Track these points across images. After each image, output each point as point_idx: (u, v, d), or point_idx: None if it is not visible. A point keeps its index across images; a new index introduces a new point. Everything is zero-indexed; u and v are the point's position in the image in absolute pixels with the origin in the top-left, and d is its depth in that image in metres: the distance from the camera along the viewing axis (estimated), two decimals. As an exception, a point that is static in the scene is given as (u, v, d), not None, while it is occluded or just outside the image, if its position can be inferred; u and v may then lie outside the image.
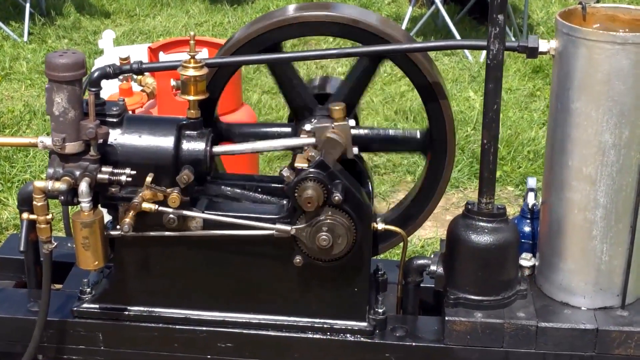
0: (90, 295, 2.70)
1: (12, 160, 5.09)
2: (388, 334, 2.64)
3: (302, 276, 2.60)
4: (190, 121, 2.57)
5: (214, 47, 3.98)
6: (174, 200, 2.49)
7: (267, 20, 2.72)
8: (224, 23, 7.92)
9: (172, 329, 2.66)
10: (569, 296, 2.62)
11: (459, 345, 2.58)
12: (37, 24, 7.62)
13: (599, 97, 2.43)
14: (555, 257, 2.63)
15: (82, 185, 2.46)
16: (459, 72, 6.68)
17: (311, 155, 2.52)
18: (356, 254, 2.56)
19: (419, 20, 7.49)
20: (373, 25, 2.66)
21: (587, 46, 2.40)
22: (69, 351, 2.71)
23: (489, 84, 2.47)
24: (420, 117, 5.75)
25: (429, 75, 2.68)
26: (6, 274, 3.03)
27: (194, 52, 2.53)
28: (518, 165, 5.16)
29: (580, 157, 2.49)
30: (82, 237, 2.50)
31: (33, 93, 6.28)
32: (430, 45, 2.68)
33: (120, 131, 2.56)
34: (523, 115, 5.87)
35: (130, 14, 8.17)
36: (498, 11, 2.41)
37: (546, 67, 6.61)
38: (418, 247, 4.31)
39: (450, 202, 4.82)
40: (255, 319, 2.65)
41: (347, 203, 2.50)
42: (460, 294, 2.61)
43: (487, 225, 2.57)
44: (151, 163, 2.53)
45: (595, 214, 2.53)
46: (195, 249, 2.61)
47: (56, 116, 2.47)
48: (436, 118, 2.73)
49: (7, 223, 4.51)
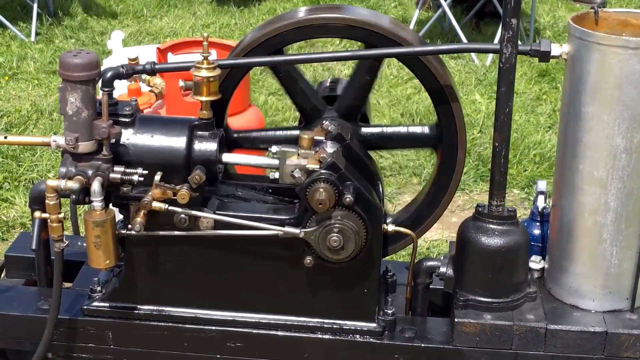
0: (101, 294, 2.70)
1: (20, 159, 5.09)
2: (397, 335, 2.64)
3: (312, 277, 2.61)
4: (202, 122, 2.58)
5: (222, 49, 3.98)
6: (183, 196, 2.49)
7: (279, 22, 2.72)
8: (231, 24, 7.92)
9: (182, 328, 2.67)
10: (579, 299, 2.63)
11: (468, 347, 2.59)
12: (44, 24, 7.63)
13: (610, 101, 2.43)
14: (565, 260, 2.64)
15: (95, 185, 2.47)
16: (465, 75, 6.68)
17: (322, 157, 2.52)
18: (366, 255, 2.56)
19: (425, 23, 7.49)
20: (386, 27, 2.66)
21: (599, 50, 2.40)
22: (79, 349, 2.72)
23: (502, 87, 2.48)
24: (427, 120, 5.75)
25: (441, 78, 2.69)
26: (17, 272, 3.04)
27: (207, 53, 2.54)
28: (524, 168, 5.16)
29: (592, 161, 2.50)
30: (94, 236, 2.51)
31: (40, 93, 6.29)
32: (442, 48, 2.69)
33: (132, 131, 2.56)
34: (529, 118, 5.87)
35: (137, 14, 8.18)
36: (511, 15, 2.41)
37: (552, 71, 6.61)
38: (424, 249, 4.31)
39: (456, 204, 4.82)
40: (265, 319, 2.65)
41: (358, 204, 2.51)
42: (470, 295, 2.61)
43: (498, 227, 2.58)
44: (163, 163, 2.54)
45: (605, 218, 2.53)
46: (205, 248, 2.62)
47: (69, 116, 2.48)
48: (447, 121, 2.74)
49: (14, 221, 4.51)
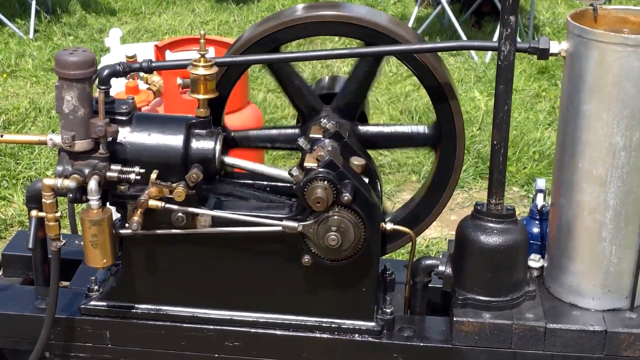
0: (98, 293, 2.70)
1: (18, 157, 5.09)
2: (396, 334, 2.64)
3: (310, 276, 2.60)
4: (200, 120, 2.57)
5: (220, 46, 3.97)
6: (179, 194, 2.48)
7: (276, 19, 2.71)
8: (230, 22, 7.92)
9: (180, 327, 2.66)
10: (578, 298, 2.62)
11: (467, 345, 2.58)
12: (42, 22, 7.62)
13: (609, 99, 2.42)
14: (564, 258, 2.63)
15: (91, 183, 2.46)
16: (464, 73, 6.68)
17: (320, 155, 2.51)
18: (365, 253, 2.55)
19: (424, 20, 7.48)
20: (384, 25, 2.65)
21: (598, 48, 2.39)
22: (76, 349, 2.71)
23: (500, 85, 2.46)
24: (426, 117, 5.74)
25: (439, 75, 2.67)
26: (14, 271, 3.03)
27: (204, 51, 2.53)
28: (523, 165, 5.15)
29: (591, 159, 2.49)
30: (91, 234, 2.50)
31: (38, 90, 6.28)
32: (441, 46, 2.67)
33: (129, 129, 2.55)
34: (528, 115, 5.87)
35: (136, 12, 8.17)
36: (510, 12, 2.40)
37: (552, 68, 6.60)
38: (423, 247, 4.30)
39: (455, 202, 4.81)
40: (263, 318, 2.64)
41: (356, 203, 2.50)
42: (469, 294, 2.60)
43: (496, 226, 2.57)
44: (160, 161, 2.53)
45: (604, 216, 2.52)
46: (203, 247, 2.61)
47: (66, 114, 2.47)
48: (446, 118, 2.73)
49: (12, 220, 4.51)
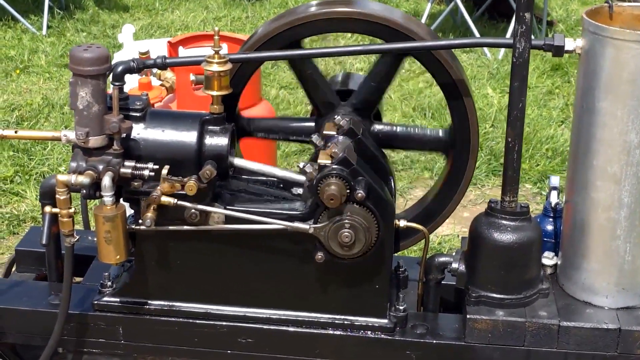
0: (111, 289, 2.70)
1: (31, 153, 5.10)
2: (409, 331, 2.63)
3: (323, 273, 2.60)
4: (213, 116, 2.57)
5: (233, 42, 3.97)
6: (191, 188, 2.48)
7: (291, 16, 2.71)
8: (242, 18, 7.92)
9: (193, 323, 2.66)
10: (592, 295, 2.61)
11: (480, 343, 2.58)
12: (55, 18, 7.64)
13: (624, 96, 2.41)
14: (578, 256, 2.62)
15: (105, 180, 2.46)
16: (477, 69, 6.67)
17: (334, 152, 2.51)
18: (378, 251, 2.55)
19: (437, 17, 7.47)
20: (398, 22, 2.65)
21: (614, 45, 2.38)
22: (89, 344, 2.72)
23: (515, 82, 2.45)
24: (439, 114, 5.73)
25: (453, 72, 2.67)
26: (27, 267, 3.04)
27: (218, 47, 2.52)
28: (536, 162, 5.14)
29: (605, 156, 2.48)
30: (105, 231, 2.50)
31: (51, 86, 6.30)
32: (454, 42, 2.67)
33: (143, 125, 2.55)
34: (542, 112, 5.85)
35: (148, 8, 8.18)
36: (525, 9, 2.39)
37: (565, 65, 6.58)
38: (435, 244, 4.30)
39: (468, 199, 4.80)
40: (276, 314, 2.64)
41: (369, 200, 2.49)
42: (482, 292, 2.60)
43: (510, 223, 2.56)
44: (174, 158, 2.52)
45: (619, 214, 2.51)
46: (216, 244, 2.61)
47: (80, 110, 2.47)
48: (460, 116, 2.72)
49: (25, 215, 4.52)
